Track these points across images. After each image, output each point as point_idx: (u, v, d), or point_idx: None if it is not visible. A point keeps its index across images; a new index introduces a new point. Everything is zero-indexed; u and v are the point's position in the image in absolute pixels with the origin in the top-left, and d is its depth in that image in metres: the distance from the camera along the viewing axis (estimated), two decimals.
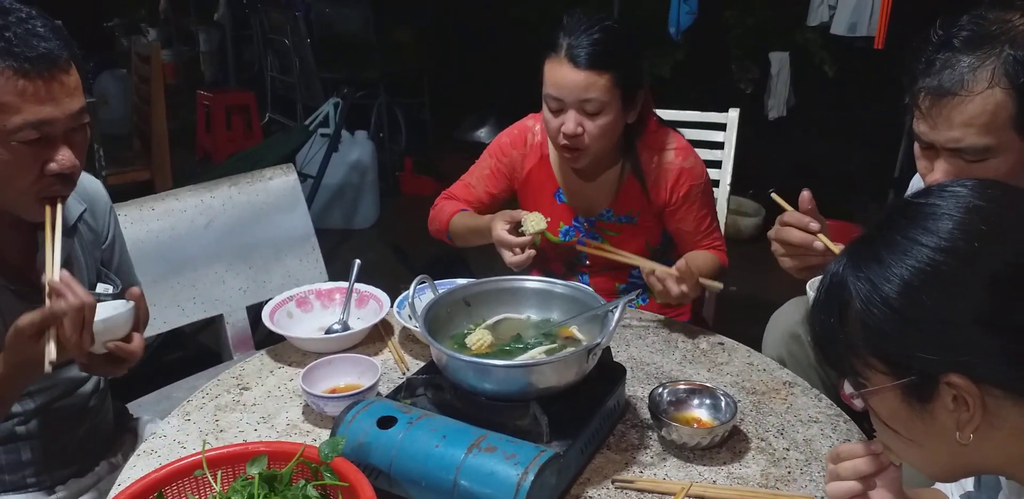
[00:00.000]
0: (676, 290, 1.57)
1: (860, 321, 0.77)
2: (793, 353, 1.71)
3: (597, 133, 1.68)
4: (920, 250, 0.74)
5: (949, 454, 0.80)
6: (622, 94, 1.68)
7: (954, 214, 0.75)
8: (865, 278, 0.77)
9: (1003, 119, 1.15)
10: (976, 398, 0.74)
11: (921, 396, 0.77)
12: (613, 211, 1.86)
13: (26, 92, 1.12)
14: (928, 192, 0.80)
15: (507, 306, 1.43)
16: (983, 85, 1.15)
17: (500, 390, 1.20)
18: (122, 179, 3.73)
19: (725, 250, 1.93)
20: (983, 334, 0.72)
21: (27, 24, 1.13)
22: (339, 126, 4.17)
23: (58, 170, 1.19)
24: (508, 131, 1.95)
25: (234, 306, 2.13)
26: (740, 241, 3.93)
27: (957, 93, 1.16)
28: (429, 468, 1.09)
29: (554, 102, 1.68)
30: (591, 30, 1.65)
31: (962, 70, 1.16)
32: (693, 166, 1.82)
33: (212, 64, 7.40)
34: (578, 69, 1.63)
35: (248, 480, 1.05)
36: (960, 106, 1.17)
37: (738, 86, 4.73)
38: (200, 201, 2.07)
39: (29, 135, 1.14)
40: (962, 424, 0.76)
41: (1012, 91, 1.14)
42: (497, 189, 1.96)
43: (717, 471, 1.24)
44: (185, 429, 1.36)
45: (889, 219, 0.79)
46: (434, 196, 2.04)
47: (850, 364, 0.81)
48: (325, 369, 1.43)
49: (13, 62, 1.10)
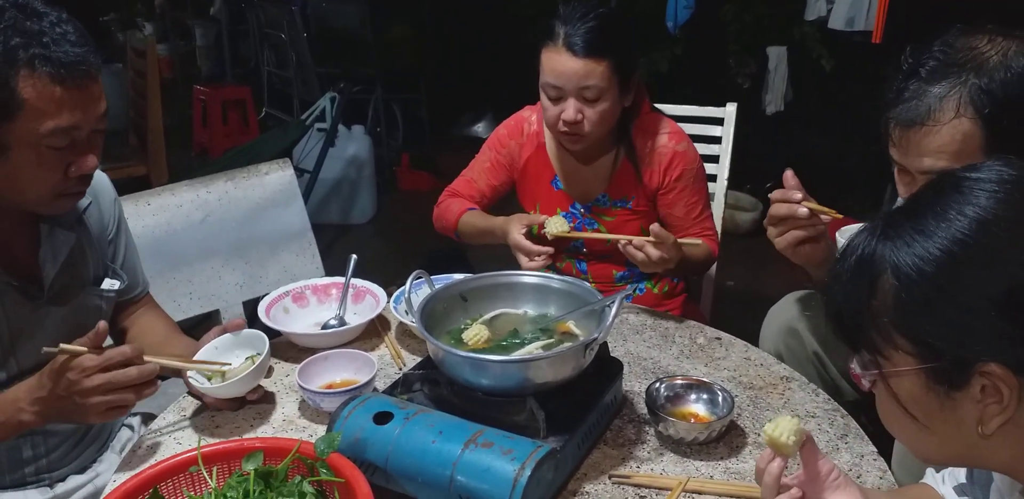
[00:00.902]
0: (655, 253, 1.59)
1: (894, 297, 0.73)
2: (790, 348, 1.71)
3: (596, 119, 1.70)
4: (971, 224, 0.71)
5: (961, 445, 0.77)
6: (619, 80, 1.70)
7: (1007, 190, 0.73)
8: (907, 251, 0.73)
9: (972, 147, 1.16)
10: (1013, 390, 0.70)
11: (950, 382, 0.73)
12: (608, 196, 1.88)
13: (61, 99, 1.13)
14: (976, 168, 0.77)
15: (504, 301, 1.42)
16: (950, 115, 1.15)
17: (497, 385, 1.20)
18: (118, 174, 3.68)
19: (716, 240, 1.94)
20: (1023, 320, 0.69)
21: (60, 28, 1.13)
22: (335, 121, 4.16)
23: (81, 173, 1.21)
24: (505, 123, 1.98)
25: (230, 301, 2.13)
26: (738, 236, 3.93)
27: (924, 123, 1.17)
28: (425, 464, 1.09)
29: (553, 90, 1.70)
30: (587, 18, 1.66)
31: (929, 100, 1.17)
32: (686, 150, 1.84)
33: (208, 59, 7.38)
34: (576, 57, 1.65)
35: (244, 476, 1.05)
36: (929, 136, 1.18)
37: (736, 81, 4.72)
38: (196, 196, 2.06)
39: (59, 141, 1.16)
40: (989, 417, 0.72)
41: (978, 120, 1.14)
42: (499, 181, 1.97)
43: (714, 466, 1.24)
44: (181, 425, 1.35)
45: (938, 192, 0.75)
46: (431, 191, 2.05)
47: (871, 341, 0.77)
48: (321, 365, 1.43)
49: (51, 68, 1.11)
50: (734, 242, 3.65)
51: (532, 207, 1.95)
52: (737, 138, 2.18)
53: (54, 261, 1.32)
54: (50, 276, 1.32)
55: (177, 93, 6.48)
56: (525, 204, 1.98)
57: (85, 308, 1.40)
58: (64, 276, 1.34)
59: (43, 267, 1.31)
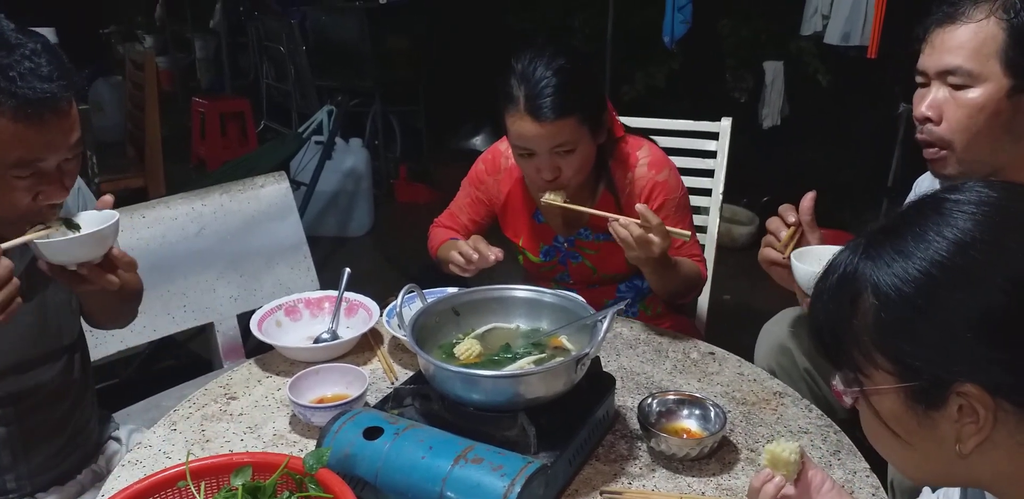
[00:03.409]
0: (637, 231, 1.52)
1: (874, 315, 0.74)
2: (783, 364, 1.71)
3: (575, 168, 1.65)
4: (950, 246, 0.71)
5: (941, 462, 0.77)
6: (590, 127, 1.63)
7: (986, 213, 0.73)
8: (887, 271, 0.73)
9: (991, 49, 1.22)
10: (989, 411, 0.70)
11: (928, 402, 0.73)
12: (591, 230, 1.85)
13: (24, 135, 1.11)
14: (958, 189, 0.77)
15: (496, 315, 1.42)
16: (981, 15, 1.22)
17: (488, 400, 1.20)
18: (115, 186, 3.72)
19: (705, 265, 1.90)
20: (1000, 342, 0.69)
21: (31, 61, 1.11)
22: (333, 133, 4.17)
23: (49, 202, 1.20)
24: (482, 157, 1.94)
25: (225, 314, 2.12)
26: (734, 250, 3.93)
27: (957, 19, 1.24)
28: (415, 480, 1.08)
29: (523, 150, 1.64)
30: (545, 77, 1.57)
31: (968, 2, 1.25)
32: (667, 179, 1.79)
33: (208, 71, 7.42)
34: (542, 123, 1.57)
35: (232, 491, 1.04)
36: (956, 31, 1.24)
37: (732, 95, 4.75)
38: (191, 209, 2.06)
39: (22, 173, 1.15)
40: (965, 436, 0.73)
41: (1005, 24, 1.21)
42: (479, 216, 1.96)
43: (706, 482, 1.23)
44: (171, 439, 1.35)
45: (918, 213, 0.76)
46: (429, 204, 2.06)
47: (851, 358, 0.77)
48: (313, 379, 1.42)
49: (13, 103, 1.09)
50: (730, 256, 3.65)
51: (516, 239, 1.93)
52: (734, 152, 2.18)
53: (22, 257, 1.31)
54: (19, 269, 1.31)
55: (177, 105, 6.50)
56: (510, 235, 1.96)
57: (54, 303, 1.39)
58: (31, 272, 1.32)
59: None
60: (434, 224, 2.02)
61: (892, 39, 3.32)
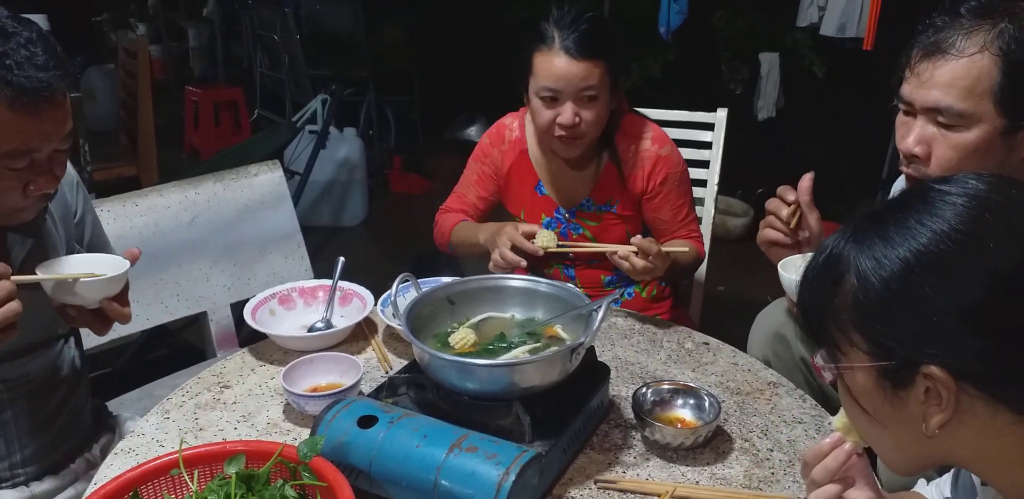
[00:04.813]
0: (640, 263, 1.60)
1: (853, 296, 0.77)
2: (778, 353, 1.71)
3: (593, 120, 1.72)
4: (929, 235, 0.73)
5: (912, 442, 0.80)
6: (611, 82, 1.72)
7: (969, 205, 0.75)
8: (868, 254, 0.76)
9: (985, 87, 1.15)
10: (952, 393, 0.73)
11: (896, 381, 0.76)
12: (593, 200, 1.88)
13: (18, 123, 1.10)
14: (948, 181, 0.79)
15: (491, 305, 1.42)
16: (973, 49, 1.15)
17: (483, 389, 1.19)
18: (108, 175, 3.70)
19: (702, 241, 1.96)
20: (971, 330, 0.71)
21: (27, 50, 1.10)
22: (327, 123, 4.15)
23: (40, 193, 1.20)
24: (487, 133, 1.98)
25: (218, 303, 2.12)
26: (728, 241, 3.94)
27: (947, 52, 1.17)
28: (409, 468, 1.08)
29: (549, 93, 1.69)
30: (580, 20, 1.68)
31: (959, 32, 1.17)
32: (669, 154, 1.85)
33: (201, 60, 7.36)
34: (575, 59, 1.66)
35: (225, 479, 1.04)
36: (946, 65, 1.17)
37: (728, 87, 4.74)
38: (184, 197, 2.05)
39: (17, 163, 1.14)
40: (930, 416, 0.75)
41: (999, 60, 1.14)
42: (488, 192, 1.98)
43: (700, 471, 1.24)
44: (164, 427, 1.34)
45: (904, 201, 0.78)
46: (423, 194, 2.06)
47: (830, 336, 0.80)
48: (307, 367, 1.42)
49: (10, 91, 1.08)
50: (725, 247, 3.66)
51: (518, 212, 1.96)
52: (729, 144, 2.18)
53: (22, 248, 1.31)
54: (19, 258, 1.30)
55: (170, 94, 6.46)
56: (511, 209, 1.98)
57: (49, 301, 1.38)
58: (30, 259, 1.32)
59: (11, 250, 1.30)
60: (441, 210, 2.03)
61: (888, 31, 3.32)
